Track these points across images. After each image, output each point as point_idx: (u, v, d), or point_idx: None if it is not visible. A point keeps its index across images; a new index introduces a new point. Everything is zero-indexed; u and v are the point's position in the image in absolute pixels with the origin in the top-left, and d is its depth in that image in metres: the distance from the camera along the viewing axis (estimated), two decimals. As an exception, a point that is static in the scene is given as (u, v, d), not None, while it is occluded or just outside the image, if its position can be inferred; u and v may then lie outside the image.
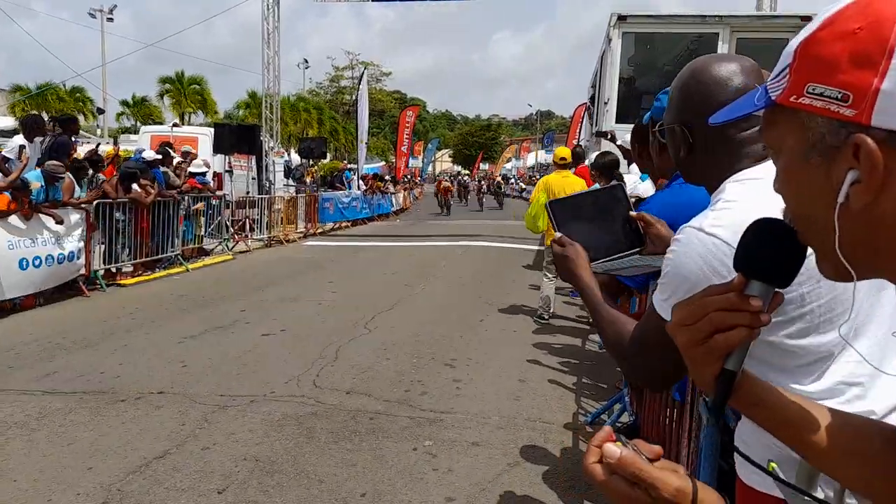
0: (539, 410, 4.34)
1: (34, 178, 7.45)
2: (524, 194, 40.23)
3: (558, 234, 1.46)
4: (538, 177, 40.92)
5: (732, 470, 1.24)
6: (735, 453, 1.10)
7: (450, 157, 77.67)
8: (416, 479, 3.36)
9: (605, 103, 11.00)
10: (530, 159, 56.47)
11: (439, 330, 6.47)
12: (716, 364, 0.70)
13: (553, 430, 4.03)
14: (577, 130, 23.86)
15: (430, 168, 51.83)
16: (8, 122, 29.35)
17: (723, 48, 8.51)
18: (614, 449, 0.72)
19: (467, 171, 62.82)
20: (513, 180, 48.18)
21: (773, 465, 1.04)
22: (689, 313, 0.72)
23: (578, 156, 8.81)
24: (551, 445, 3.80)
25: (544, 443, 3.83)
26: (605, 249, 1.49)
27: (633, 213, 1.52)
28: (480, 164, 63.97)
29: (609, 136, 6.98)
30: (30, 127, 8.57)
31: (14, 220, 6.94)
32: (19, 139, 8.44)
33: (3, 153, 8.68)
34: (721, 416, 0.72)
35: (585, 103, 21.00)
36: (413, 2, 18.98)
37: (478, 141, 71.57)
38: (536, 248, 13.77)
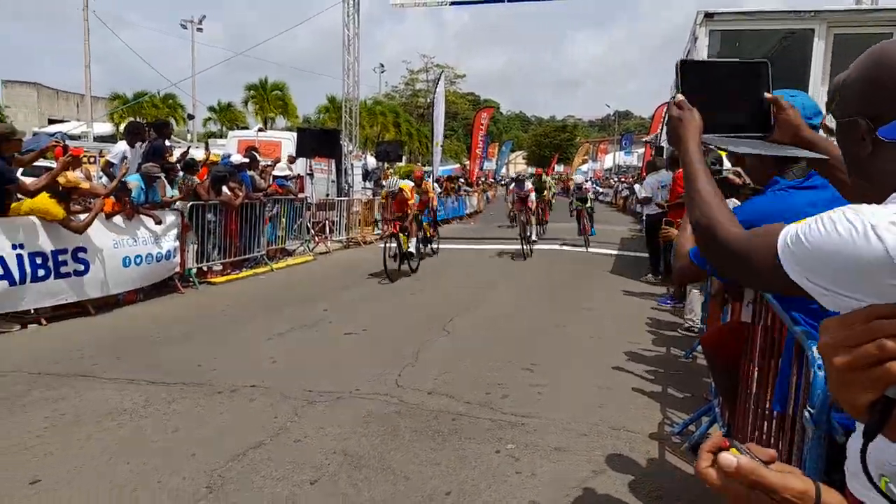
0: (623, 419, 4.26)
1: (134, 181, 7.97)
2: (600, 197, 39.45)
3: (680, 96, 1.38)
4: (615, 179, 40.11)
5: (838, 486, 1.19)
6: (846, 467, 1.05)
7: (523, 158, 77.16)
8: (499, 480, 3.37)
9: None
10: (608, 161, 55.31)
11: (518, 333, 6.46)
12: (876, 392, 0.66)
13: (638, 439, 3.95)
14: (658, 131, 23.24)
15: (503, 170, 51.65)
16: (106, 128, 31.54)
17: (818, 45, 8.08)
18: (730, 459, 0.72)
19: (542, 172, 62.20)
20: (588, 183, 47.29)
21: (885, 479, 0.99)
22: (853, 336, 0.67)
23: (676, 161, 8.59)
24: (637, 455, 3.73)
25: (629, 451, 3.76)
26: (727, 126, 1.41)
27: (768, 94, 1.43)
28: (555, 166, 63.26)
29: None
30: (132, 133, 9.19)
31: (118, 220, 7.44)
32: (122, 145, 9.05)
33: (107, 158, 9.35)
34: (870, 441, 0.68)
35: (667, 103, 20.46)
36: (491, 3, 18.83)
37: (552, 142, 70.82)
38: (616, 252, 13.50)
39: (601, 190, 40.94)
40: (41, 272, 6.28)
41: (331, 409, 4.26)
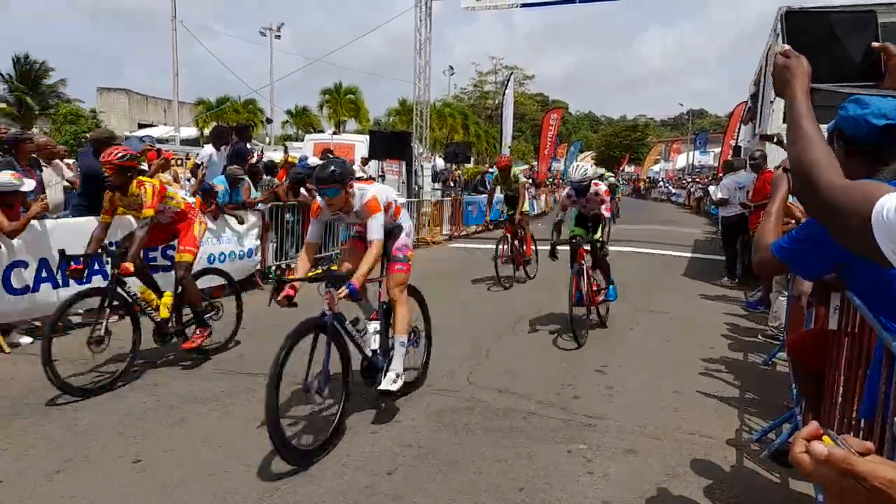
0: (698, 424, 4.19)
1: (219, 183, 8.41)
2: (673, 198, 38.33)
3: (785, 46, 1.36)
4: (688, 180, 38.87)
5: None
6: None
7: (592, 158, 75.88)
8: (571, 480, 3.40)
9: (771, 102, 10.25)
10: (680, 161, 53.68)
11: (589, 335, 6.42)
12: None
13: (714, 444, 3.87)
14: (735, 131, 22.36)
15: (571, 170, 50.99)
16: (191, 132, 33.26)
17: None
18: (821, 448, 0.75)
19: (611, 173, 61.01)
20: (661, 183, 46.05)
21: None
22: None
23: (758, 162, 8.33)
24: (714, 460, 3.67)
25: (705, 456, 3.71)
26: (836, 74, 1.37)
27: (876, 44, 1.40)
28: (625, 166, 61.89)
29: (776, 140, 6.51)
30: (217, 137, 9.70)
31: (205, 220, 7.86)
32: (209, 148, 9.57)
33: (195, 161, 9.92)
34: None
35: (745, 102, 19.64)
36: (562, 4, 18.69)
37: (622, 142, 69.32)
38: (689, 255, 13.14)
39: (674, 191, 39.75)
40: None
41: (404, 403, 4.39)
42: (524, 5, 18.79)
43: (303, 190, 10.01)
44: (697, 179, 34.94)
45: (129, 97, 41.32)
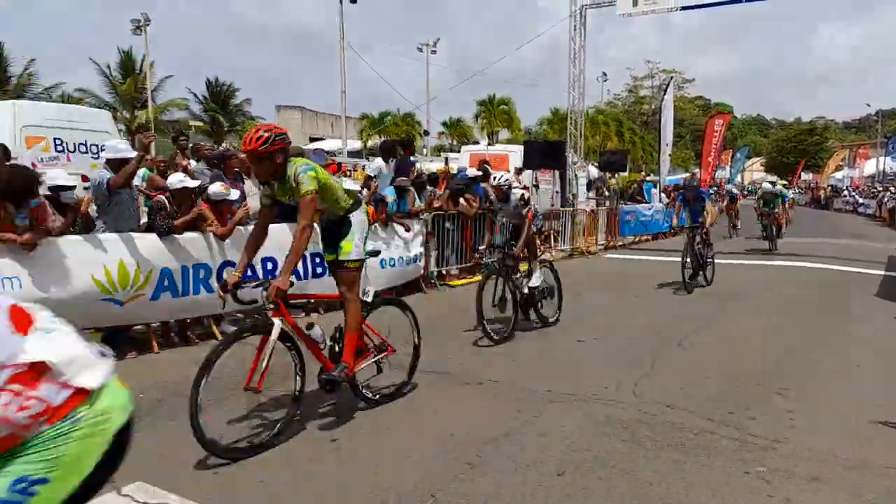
0: (897, 457, 3.82)
1: (389, 194, 9.01)
2: (860, 209, 34.36)
3: None
4: (879, 188, 34.61)
5: None
6: None
7: (762, 165, 70.07)
8: (750, 502, 3.28)
9: None
10: (869, 167, 47.97)
11: (763, 354, 6.05)
12: None
13: (918, 480, 3.52)
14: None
15: (738, 178, 47.51)
16: (357, 144, 35.72)
17: None
18: None
19: (784, 181, 56.10)
20: (845, 192, 41.41)
21: None
22: None
23: None
24: (917, 497, 3.34)
25: (907, 493, 3.38)
26: None
27: None
28: (801, 173, 56.46)
29: None
30: (385, 150, 10.39)
31: (376, 228, 8.48)
32: (378, 161, 10.28)
33: (367, 173, 10.69)
34: None
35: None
36: (723, 5, 17.65)
37: (797, 147, 63.26)
38: (882, 273, 11.79)
39: (861, 200, 35.61)
40: (319, 269, 7.44)
41: (568, 409, 4.47)
42: (683, 8, 18.00)
43: (462, 200, 10.42)
44: (891, 188, 31.02)
45: (302, 113, 45.18)
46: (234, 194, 6.87)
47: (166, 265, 5.83)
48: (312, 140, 39.34)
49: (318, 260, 7.44)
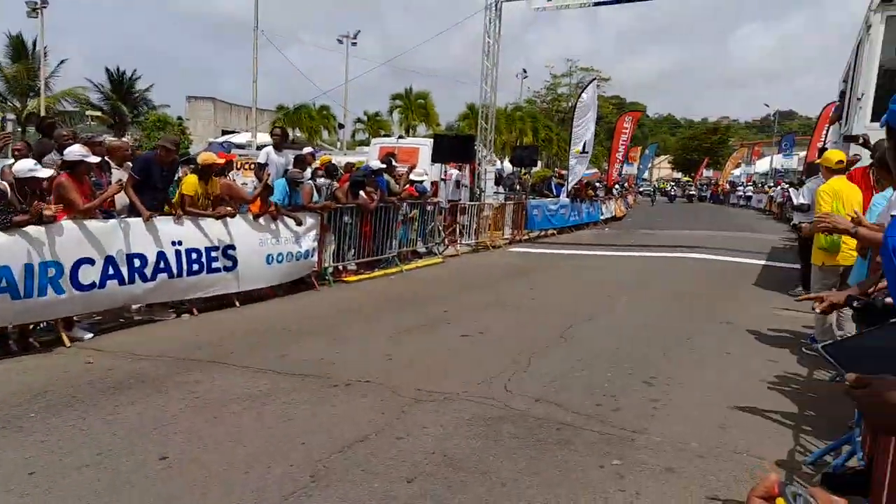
0: (748, 442, 3.89)
1: (278, 185, 8.62)
2: (752, 202, 36.53)
3: (853, 375, 1.21)
4: (769, 184, 36.90)
5: None
6: None
7: (669, 163, 73.36)
8: (599, 497, 3.22)
9: (859, 99, 9.62)
10: (762, 164, 51.08)
11: (640, 345, 6.14)
12: None
13: (764, 466, 3.58)
14: (823, 132, 21.08)
15: (645, 174, 49.44)
16: (268, 137, 34.57)
17: None
18: None
19: (688, 178, 58.83)
20: (740, 188, 43.97)
21: None
22: None
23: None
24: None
25: (751, 479, 3.42)
26: None
27: None
28: (704, 171, 59.46)
29: (861, 141, 6.02)
30: (277, 138, 9.97)
31: (263, 220, 8.08)
32: (268, 149, 9.88)
33: (257, 161, 10.24)
34: None
35: (835, 101, 18.46)
36: (635, 1, 18.19)
37: (702, 145, 66.57)
38: (763, 262, 12.42)
39: (752, 195, 37.93)
40: (195, 266, 6.98)
41: (436, 409, 4.31)
42: (597, 3, 18.41)
43: (362, 192, 10.13)
44: (782, 183, 33.16)
45: (214, 105, 43.29)
46: (45, 172, 6.00)
47: (4, 263, 5.25)
48: (225, 133, 37.76)
49: (194, 256, 6.99)
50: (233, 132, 37.83)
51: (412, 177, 13.47)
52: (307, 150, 11.03)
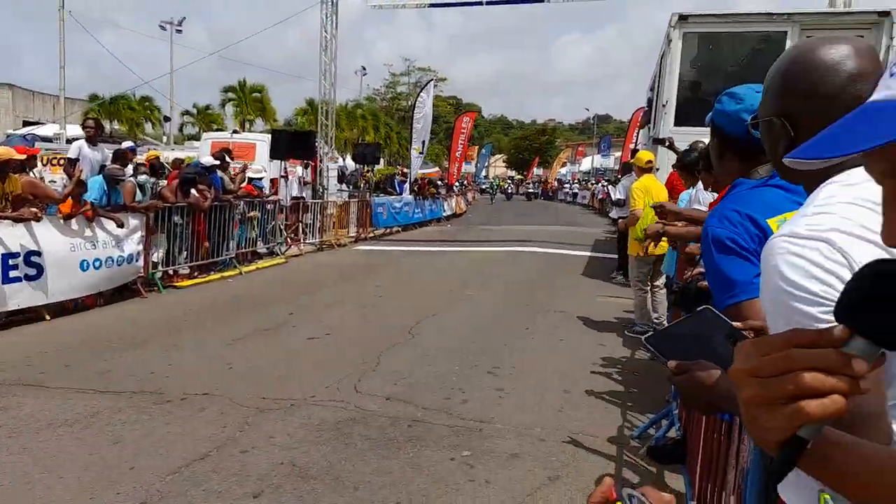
0: (583, 423, 4.19)
1: (94, 183, 7.76)
2: (578, 199, 39.65)
3: (673, 363, 1.27)
4: (592, 182, 40.32)
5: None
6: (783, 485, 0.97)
7: (504, 162, 77.32)
8: (451, 489, 3.28)
9: (664, 106, 10.70)
10: (586, 163, 55.62)
11: (484, 337, 6.37)
12: (789, 431, 0.57)
13: (597, 443, 3.87)
14: (634, 135, 23.38)
15: (483, 173, 51.65)
16: (81, 130, 31.06)
17: (792, 48, 8.14)
18: None
19: (521, 176, 62.38)
20: (567, 185, 47.58)
21: (826, 496, 0.92)
22: (768, 364, 0.57)
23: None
24: (594, 459, 3.66)
25: (587, 457, 3.69)
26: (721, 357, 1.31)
27: (738, 325, 1.31)
28: (535, 170, 63.45)
29: (667, 143, 6.73)
30: (95, 132, 8.98)
31: (76, 223, 7.22)
32: (80, 143, 8.86)
33: (68, 156, 9.13)
34: (778, 482, 0.60)
35: (643, 107, 20.59)
36: (474, 6, 18.87)
37: (532, 145, 70.97)
38: (589, 254, 13.50)
39: (577, 192, 41.23)
40: (12, 273, 6.09)
41: (283, 417, 4.13)
42: (432, 5, 18.83)
43: (193, 191, 9.45)
44: (599, 181, 36.40)
45: (13, 92, 37.92)
46: None
47: None
48: (28, 124, 33.26)
49: (10, 262, 6.10)
50: (37, 123, 33.46)
51: (250, 174, 12.87)
52: (127, 144, 10.00)
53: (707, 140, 1.98)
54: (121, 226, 7.79)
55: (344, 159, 25.21)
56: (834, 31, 8.30)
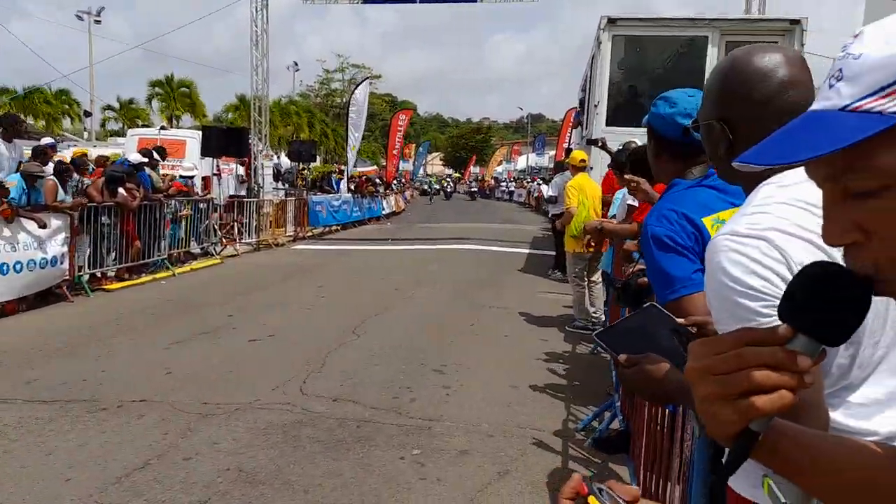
0: (530, 417, 4.28)
1: (11, 180, 7.32)
2: (514, 197, 40.28)
3: (623, 357, 1.32)
4: (528, 180, 41.03)
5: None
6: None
7: (441, 160, 77.57)
8: (402, 489, 3.29)
9: (595, 106, 11.00)
10: (521, 162, 56.53)
11: (429, 335, 6.40)
12: (742, 424, 0.61)
13: (544, 437, 3.97)
14: (567, 134, 23.95)
15: (420, 171, 51.65)
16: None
17: (712, 51, 8.53)
18: None
19: (458, 174, 62.80)
20: (503, 183, 48.21)
21: (769, 480, 0.98)
22: (721, 362, 0.62)
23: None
24: (541, 453, 3.74)
25: (535, 451, 3.77)
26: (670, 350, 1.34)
27: (681, 320, 1.38)
28: (472, 168, 63.99)
29: (600, 144, 6.94)
30: (7, 126, 8.41)
31: (-5, 224, 6.80)
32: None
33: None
34: (732, 474, 0.66)
35: (575, 107, 21.12)
36: (408, 3, 18.86)
37: (469, 144, 71.52)
38: (527, 251, 13.75)
39: (514, 190, 41.86)
40: None
41: (227, 422, 4.03)
42: (365, 1, 18.74)
43: (121, 189, 9.04)
44: (534, 179, 37.10)
45: None
46: None
47: None
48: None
49: None
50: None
51: (181, 172, 12.44)
52: (46, 140, 9.46)
53: (637, 140, 2.08)
54: (43, 226, 7.38)
55: (279, 157, 24.70)
56: (752, 36, 8.79)
